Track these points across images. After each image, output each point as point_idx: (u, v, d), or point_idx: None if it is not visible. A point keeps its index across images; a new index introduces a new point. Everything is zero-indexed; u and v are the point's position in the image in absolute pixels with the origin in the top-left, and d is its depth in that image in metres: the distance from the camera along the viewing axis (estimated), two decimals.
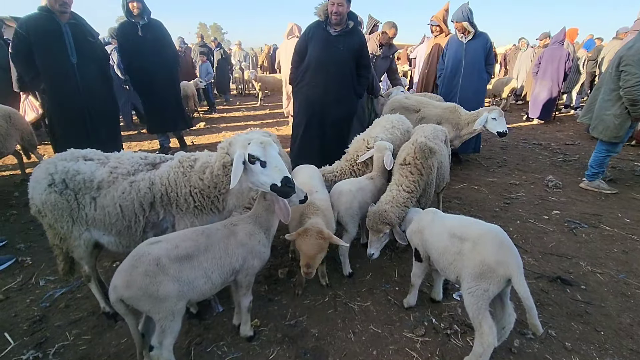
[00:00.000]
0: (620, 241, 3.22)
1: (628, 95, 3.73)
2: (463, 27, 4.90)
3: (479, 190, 4.44)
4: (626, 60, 3.70)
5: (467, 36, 4.95)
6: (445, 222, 2.08)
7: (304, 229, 2.10)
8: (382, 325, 2.26)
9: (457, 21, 4.92)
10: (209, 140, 7.06)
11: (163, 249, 1.62)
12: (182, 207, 2.00)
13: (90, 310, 2.37)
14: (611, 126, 3.98)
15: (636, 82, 3.64)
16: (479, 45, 4.94)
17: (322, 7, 3.67)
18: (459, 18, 4.89)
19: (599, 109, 4.10)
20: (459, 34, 5.05)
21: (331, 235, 2.11)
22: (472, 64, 4.99)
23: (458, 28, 4.98)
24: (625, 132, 4.01)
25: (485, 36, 5.00)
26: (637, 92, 3.66)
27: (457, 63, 5.06)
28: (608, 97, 3.98)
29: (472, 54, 4.96)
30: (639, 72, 3.62)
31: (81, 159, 2.00)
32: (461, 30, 4.97)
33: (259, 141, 1.83)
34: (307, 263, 2.06)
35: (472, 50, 4.95)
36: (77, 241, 2.03)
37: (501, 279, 1.74)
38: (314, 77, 3.78)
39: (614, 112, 3.93)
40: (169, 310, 1.58)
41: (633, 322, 2.27)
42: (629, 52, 3.70)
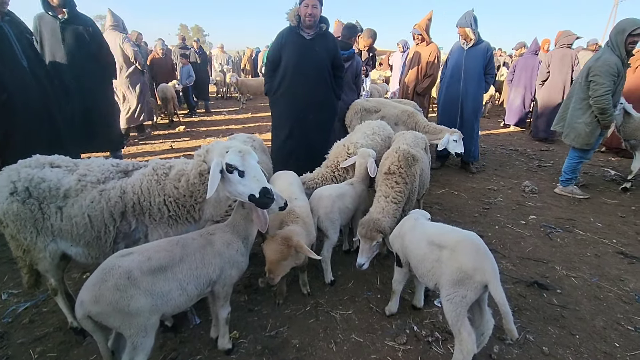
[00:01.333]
0: (592, 245, 3.33)
1: (597, 104, 3.90)
2: (465, 33, 4.89)
3: (459, 195, 4.51)
4: (594, 71, 3.89)
5: (469, 43, 4.94)
6: (424, 230, 2.09)
7: (274, 234, 2.08)
8: (364, 334, 2.23)
9: (460, 26, 4.90)
10: (188, 144, 6.90)
11: (135, 261, 1.54)
12: (155, 217, 1.91)
13: (56, 325, 2.23)
14: (582, 134, 4.14)
15: (604, 92, 3.82)
16: (480, 52, 4.95)
17: (293, 12, 3.61)
18: (462, 24, 4.87)
19: (570, 118, 4.26)
20: (460, 40, 5.03)
21: (301, 245, 2.04)
22: (471, 70, 4.99)
23: (460, 34, 4.95)
24: (596, 139, 4.18)
25: (487, 44, 4.99)
26: (605, 101, 3.84)
27: (458, 69, 5.06)
28: (579, 106, 4.15)
29: (472, 61, 4.96)
30: (606, 82, 3.80)
31: (47, 166, 1.89)
32: (463, 36, 4.94)
33: (238, 149, 1.78)
34: (269, 268, 2.03)
35: (472, 57, 4.96)
36: (42, 253, 1.90)
37: (478, 285, 1.76)
38: (293, 83, 3.72)
39: (585, 120, 4.10)
40: (141, 326, 1.50)
41: (606, 324, 2.34)
42: (597, 64, 3.89)
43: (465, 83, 5.06)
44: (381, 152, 3.22)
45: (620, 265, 3.00)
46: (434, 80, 6.13)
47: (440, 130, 4.50)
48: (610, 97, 3.85)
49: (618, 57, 3.80)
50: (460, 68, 5.04)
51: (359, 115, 4.51)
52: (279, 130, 4.04)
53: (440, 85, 5.47)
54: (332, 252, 2.67)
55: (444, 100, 5.34)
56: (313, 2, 3.46)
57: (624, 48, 3.78)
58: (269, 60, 3.89)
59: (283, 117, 3.90)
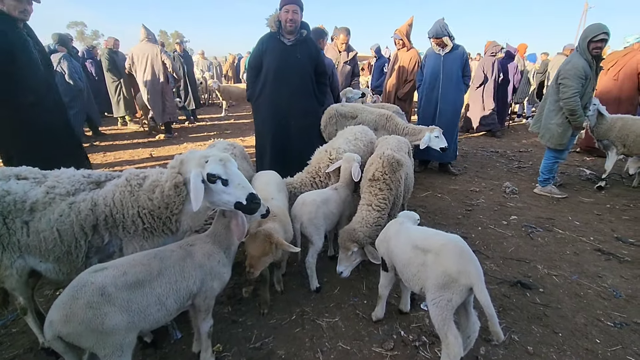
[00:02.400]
0: (571, 243, 3.41)
1: (566, 106, 4.06)
2: (443, 42, 4.97)
3: (442, 197, 4.56)
4: (563, 74, 4.06)
5: (445, 49, 5.03)
6: (409, 234, 2.08)
7: (255, 231, 2.10)
8: (351, 341, 2.20)
9: (436, 37, 4.95)
10: (169, 152, 6.75)
11: (109, 277, 1.46)
12: (129, 230, 1.82)
13: (27, 346, 2.11)
14: (555, 134, 4.29)
15: (572, 94, 3.98)
16: (457, 57, 5.04)
17: (273, 18, 3.61)
18: (438, 34, 4.92)
19: (545, 119, 4.41)
20: (436, 48, 5.09)
21: (281, 242, 2.08)
22: (449, 76, 5.06)
23: (437, 43, 5.02)
24: (569, 140, 4.32)
25: (462, 49, 5.11)
26: (573, 102, 3.99)
27: (435, 75, 5.11)
28: (552, 107, 4.31)
29: (449, 67, 5.04)
30: (574, 84, 3.96)
31: (13, 178, 1.78)
32: (440, 45, 5.02)
33: (218, 158, 1.73)
34: (249, 263, 2.05)
35: (450, 63, 5.04)
36: (8, 270, 1.79)
37: (463, 288, 1.76)
38: (275, 89, 3.69)
39: (557, 121, 4.26)
40: (116, 345, 1.42)
41: (587, 321, 2.38)
42: (566, 67, 4.06)
43: (444, 88, 5.12)
44: (364, 157, 3.22)
45: (598, 262, 3.08)
46: (414, 85, 6.22)
47: (419, 130, 4.52)
48: (578, 99, 4.00)
49: (585, 60, 3.96)
50: (438, 74, 5.10)
51: (334, 121, 4.44)
52: (262, 137, 4.00)
53: (419, 91, 5.55)
54: (317, 258, 2.64)
55: (424, 106, 5.40)
56: (293, 7, 3.47)
57: (589, 53, 3.94)
58: (250, 67, 3.86)
59: (266, 124, 3.86)
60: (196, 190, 1.66)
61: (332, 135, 4.38)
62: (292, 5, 3.47)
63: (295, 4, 3.49)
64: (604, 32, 3.82)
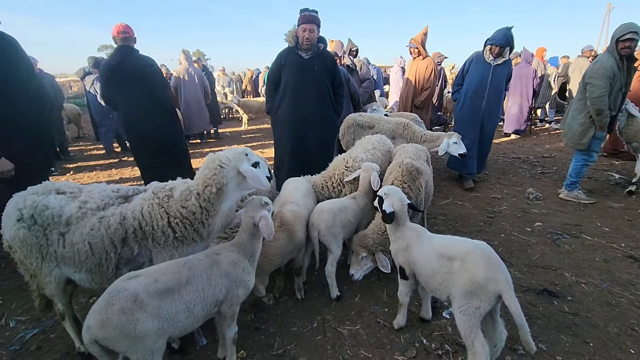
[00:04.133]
0: (601, 250, 3.29)
1: (594, 106, 3.97)
2: (500, 52, 4.57)
3: (463, 205, 4.50)
4: (591, 74, 4.00)
5: (497, 60, 4.65)
6: (432, 243, 2.07)
7: None
8: (373, 349, 2.20)
9: (498, 45, 4.52)
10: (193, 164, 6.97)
11: (141, 284, 1.55)
12: (159, 241, 1.91)
13: (64, 351, 2.23)
14: (576, 134, 4.23)
15: (600, 94, 3.90)
16: (505, 70, 4.73)
17: (291, 34, 3.72)
18: (501, 42, 4.50)
19: (570, 118, 4.36)
20: (489, 56, 4.65)
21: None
22: (497, 87, 4.75)
23: (494, 50, 4.58)
24: (589, 141, 4.18)
25: (510, 62, 4.82)
26: (600, 102, 3.92)
27: (483, 84, 4.73)
28: (576, 106, 4.26)
29: (498, 78, 4.71)
30: (602, 84, 3.88)
31: (53, 193, 1.92)
32: (496, 54, 4.60)
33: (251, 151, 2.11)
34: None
35: (499, 74, 4.70)
36: (47, 278, 1.93)
37: (492, 295, 1.73)
38: (294, 102, 3.80)
39: (579, 120, 4.19)
40: (147, 350, 1.50)
41: (620, 331, 2.28)
42: (594, 67, 4.00)
43: (490, 100, 4.78)
44: (382, 166, 3.25)
45: (631, 270, 2.96)
46: (431, 93, 6.21)
47: (437, 136, 4.49)
48: (606, 98, 3.91)
49: (615, 60, 3.88)
50: (486, 84, 4.71)
51: (351, 130, 4.56)
52: (281, 148, 4.10)
53: (457, 97, 5.11)
54: (337, 266, 2.66)
55: (466, 112, 4.96)
56: (310, 27, 3.58)
57: (617, 53, 3.86)
58: (269, 80, 4.00)
59: (284, 135, 3.97)
60: (256, 174, 1.97)
61: (349, 144, 4.46)
62: (309, 24, 3.59)
63: (312, 23, 3.60)
64: (631, 32, 3.73)
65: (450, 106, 11.18)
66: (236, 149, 2.10)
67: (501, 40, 4.50)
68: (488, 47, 4.64)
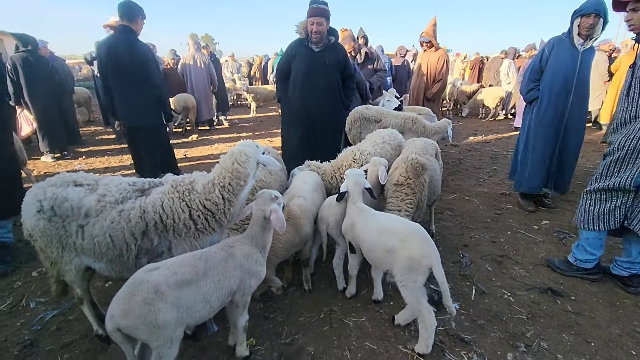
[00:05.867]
0: (608, 251, 3.29)
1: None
2: (590, 28, 3.47)
3: (470, 200, 4.51)
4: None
5: (586, 43, 3.61)
6: (375, 220, 2.31)
7: None
8: (378, 341, 2.27)
9: (593, 12, 3.39)
10: (201, 152, 7.06)
11: (162, 276, 1.61)
12: (180, 232, 1.98)
13: (82, 332, 2.34)
14: None
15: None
16: (591, 58, 3.73)
17: (302, 25, 3.71)
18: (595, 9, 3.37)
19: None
20: (577, 38, 3.59)
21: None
22: (584, 82, 3.74)
23: (584, 26, 3.48)
24: None
25: (593, 47, 3.85)
26: None
27: (570, 77, 3.67)
28: None
29: (586, 69, 3.70)
30: None
31: (71, 185, 1.97)
32: (586, 32, 3.51)
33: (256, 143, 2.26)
34: None
35: (586, 64, 3.69)
36: (67, 266, 2.01)
37: (425, 269, 2.04)
38: (303, 95, 3.82)
39: None
40: (167, 338, 1.57)
41: (622, 332, 2.32)
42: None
43: (575, 99, 3.73)
44: (391, 161, 3.26)
45: None
46: (443, 85, 6.16)
47: (444, 125, 4.69)
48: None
49: None
50: (573, 78, 3.67)
51: (358, 124, 4.55)
52: (289, 141, 4.14)
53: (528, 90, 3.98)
54: (345, 258, 2.72)
55: (544, 120, 3.85)
56: (318, 20, 3.55)
57: None
58: (279, 70, 4.04)
59: (292, 127, 4.02)
60: (271, 160, 2.24)
61: (355, 138, 4.47)
62: (317, 17, 3.55)
63: (321, 16, 3.56)
64: None
65: (462, 98, 11.08)
66: (248, 142, 2.23)
67: (590, 6, 3.40)
68: (577, 20, 3.51)
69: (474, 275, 2.93)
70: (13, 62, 5.64)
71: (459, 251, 3.30)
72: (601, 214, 2.70)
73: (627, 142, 2.54)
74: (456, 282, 2.84)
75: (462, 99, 11.15)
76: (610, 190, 2.64)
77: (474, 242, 3.48)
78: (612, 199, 2.65)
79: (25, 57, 5.73)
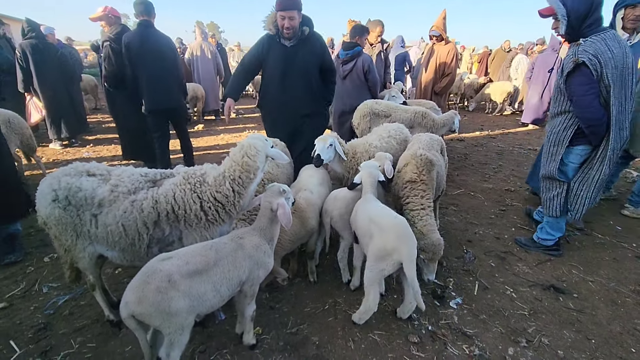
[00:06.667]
0: (611, 249, 3.31)
1: None
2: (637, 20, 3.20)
3: (475, 196, 4.52)
4: None
5: (633, 37, 3.29)
6: (370, 208, 2.41)
7: None
8: (381, 332, 2.32)
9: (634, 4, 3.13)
10: (207, 142, 7.09)
11: (174, 265, 1.66)
12: (191, 223, 2.04)
13: (94, 317, 2.41)
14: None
15: None
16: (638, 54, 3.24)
17: (270, 20, 3.23)
18: None
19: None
20: (621, 32, 3.28)
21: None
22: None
23: (630, 19, 3.20)
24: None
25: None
26: None
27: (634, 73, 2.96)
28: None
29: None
30: None
31: (85, 175, 2.01)
32: (632, 24, 3.23)
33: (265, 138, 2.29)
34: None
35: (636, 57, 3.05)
36: (81, 253, 2.06)
37: (395, 262, 2.14)
38: (280, 96, 3.48)
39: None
40: (179, 325, 1.62)
41: (623, 330, 2.35)
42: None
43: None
44: (397, 156, 3.27)
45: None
46: (452, 79, 6.11)
47: (450, 117, 4.76)
48: None
49: None
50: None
51: (367, 119, 4.49)
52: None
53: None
54: (349, 252, 2.76)
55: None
56: (290, 14, 3.09)
57: None
58: (242, 61, 3.52)
59: (273, 132, 3.67)
60: (279, 154, 2.28)
61: (364, 133, 4.46)
62: (287, 12, 3.08)
63: (292, 9, 3.09)
64: None
65: (469, 91, 10.98)
66: (257, 135, 2.26)
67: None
68: (621, 12, 3.22)
69: (477, 270, 2.97)
70: (22, 49, 5.65)
71: (463, 246, 3.33)
72: (546, 201, 3.07)
73: (551, 135, 2.93)
74: (459, 277, 2.88)
75: (470, 93, 11.05)
76: (547, 178, 3.03)
77: (478, 237, 3.51)
78: (551, 187, 3.03)
79: (35, 44, 5.74)
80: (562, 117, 2.84)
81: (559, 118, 2.86)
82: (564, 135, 2.84)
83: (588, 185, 2.83)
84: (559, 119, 2.86)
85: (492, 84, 10.48)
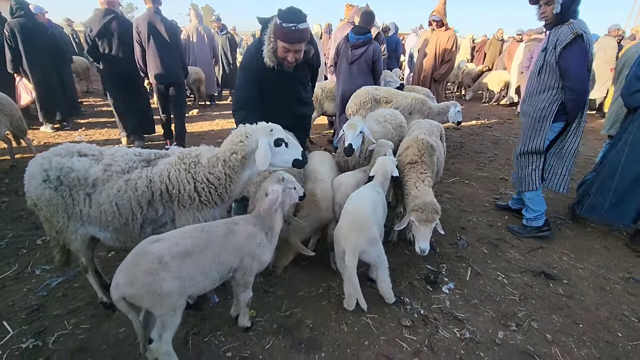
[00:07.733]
0: (602, 237, 3.36)
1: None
2: None
3: (470, 184, 4.54)
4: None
5: None
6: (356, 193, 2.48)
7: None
8: (374, 316, 2.35)
9: None
10: (202, 127, 7.01)
11: (165, 247, 1.64)
12: (184, 203, 2.01)
13: (87, 299, 2.40)
14: None
15: None
16: None
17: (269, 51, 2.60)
18: None
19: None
20: None
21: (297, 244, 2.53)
22: None
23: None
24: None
25: None
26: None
27: None
28: None
29: None
30: None
31: (76, 155, 1.98)
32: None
33: (278, 127, 2.09)
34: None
35: None
36: (73, 235, 2.04)
37: (342, 249, 2.19)
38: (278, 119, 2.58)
39: None
40: (170, 306, 1.62)
41: (610, 315, 2.40)
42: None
43: None
44: (392, 140, 3.26)
45: (629, 258, 3.04)
46: (451, 66, 6.06)
47: (447, 106, 4.79)
48: None
49: None
50: None
51: (368, 106, 4.44)
52: None
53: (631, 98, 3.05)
54: None
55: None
56: (297, 47, 2.55)
57: None
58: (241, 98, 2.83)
59: None
60: (266, 153, 1.96)
61: None
62: (295, 45, 2.53)
63: (300, 42, 2.55)
64: None
65: (467, 80, 10.91)
66: (265, 123, 2.10)
67: None
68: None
69: (470, 257, 3.00)
70: (11, 28, 5.46)
71: (457, 233, 3.35)
72: (525, 177, 3.25)
73: (534, 112, 3.09)
74: (452, 263, 2.91)
75: (467, 81, 10.98)
76: (528, 154, 3.20)
77: (472, 225, 3.54)
78: (529, 163, 3.22)
79: (24, 22, 5.55)
80: (547, 94, 3.00)
81: (543, 95, 3.02)
82: (549, 111, 3.01)
83: (562, 157, 3.12)
84: (542, 95, 3.03)
85: (490, 73, 10.43)
